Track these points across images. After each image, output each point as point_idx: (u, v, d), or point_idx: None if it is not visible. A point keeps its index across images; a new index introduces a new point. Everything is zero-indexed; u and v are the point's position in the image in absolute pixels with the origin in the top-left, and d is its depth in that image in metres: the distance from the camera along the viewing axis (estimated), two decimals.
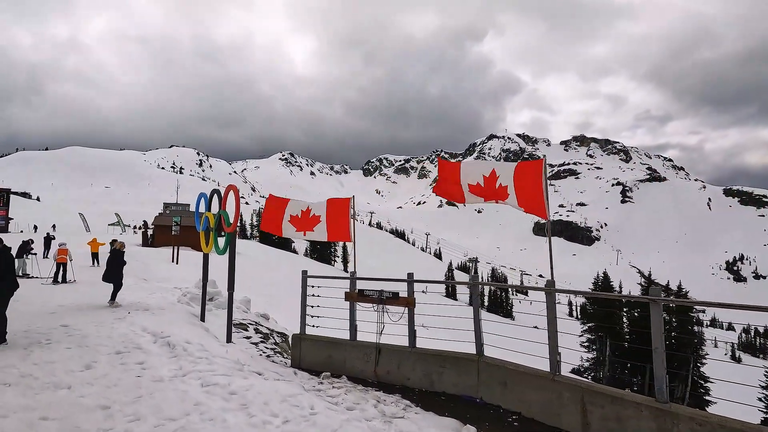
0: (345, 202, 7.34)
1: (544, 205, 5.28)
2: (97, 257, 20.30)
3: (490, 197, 5.63)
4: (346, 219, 7.25)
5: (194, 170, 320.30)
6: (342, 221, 7.22)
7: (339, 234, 7.26)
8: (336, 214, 7.23)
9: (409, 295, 6.66)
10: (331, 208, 7.26)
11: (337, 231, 7.24)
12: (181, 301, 11.73)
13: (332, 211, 7.25)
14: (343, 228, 7.22)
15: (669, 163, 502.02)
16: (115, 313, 8.30)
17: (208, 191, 10.83)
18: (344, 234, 7.25)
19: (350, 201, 7.35)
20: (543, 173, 5.28)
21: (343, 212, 7.25)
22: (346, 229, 7.23)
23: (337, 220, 7.22)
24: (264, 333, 11.48)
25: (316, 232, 7.33)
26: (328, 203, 7.39)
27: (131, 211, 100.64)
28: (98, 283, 14.91)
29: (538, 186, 5.21)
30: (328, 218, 7.24)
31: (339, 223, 7.21)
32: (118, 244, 10.51)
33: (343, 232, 7.23)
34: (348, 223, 7.25)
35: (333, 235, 7.27)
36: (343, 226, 7.22)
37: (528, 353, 5.95)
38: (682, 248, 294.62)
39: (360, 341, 7.09)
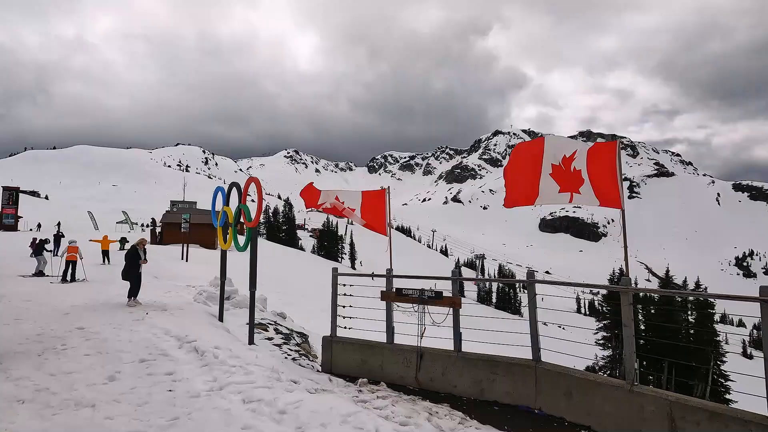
0: (380, 195, 6.78)
1: (618, 195, 4.69)
2: (107, 255, 19.90)
3: (566, 187, 4.97)
4: (382, 212, 6.69)
5: (200, 168, 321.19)
6: (378, 214, 6.67)
7: (375, 226, 6.71)
8: (371, 207, 6.68)
9: (454, 295, 6.09)
10: (366, 201, 6.72)
11: (373, 223, 6.70)
12: (198, 300, 11.24)
13: (367, 203, 6.71)
14: (379, 221, 6.67)
15: (677, 158, 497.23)
16: (132, 313, 7.80)
17: (213, 189, 10.36)
18: (380, 227, 6.69)
19: (386, 194, 6.78)
20: (617, 158, 4.69)
21: (378, 205, 6.69)
22: (382, 223, 6.67)
23: (372, 212, 6.67)
24: (284, 333, 10.97)
25: (352, 217, 6.81)
26: (363, 196, 6.84)
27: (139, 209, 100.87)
28: (110, 281, 14.51)
29: (612, 173, 4.61)
30: (363, 210, 6.70)
31: (375, 216, 6.66)
32: (140, 242, 10.01)
33: (379, 224, 6.68)
34: (384, 217, 6.69)
35: (369, 224, 6.73)
36: (380, 219, 6.67)
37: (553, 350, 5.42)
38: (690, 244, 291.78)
39: (398, 344, 6.54)
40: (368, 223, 6.67)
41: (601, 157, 4.73)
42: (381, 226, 6.66)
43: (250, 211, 8.96)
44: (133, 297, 9.34)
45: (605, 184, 4.71)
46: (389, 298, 6.56)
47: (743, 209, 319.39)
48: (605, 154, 4.72)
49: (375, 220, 6.63)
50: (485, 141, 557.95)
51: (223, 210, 9.90)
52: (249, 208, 8.98)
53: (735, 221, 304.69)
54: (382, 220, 6.65)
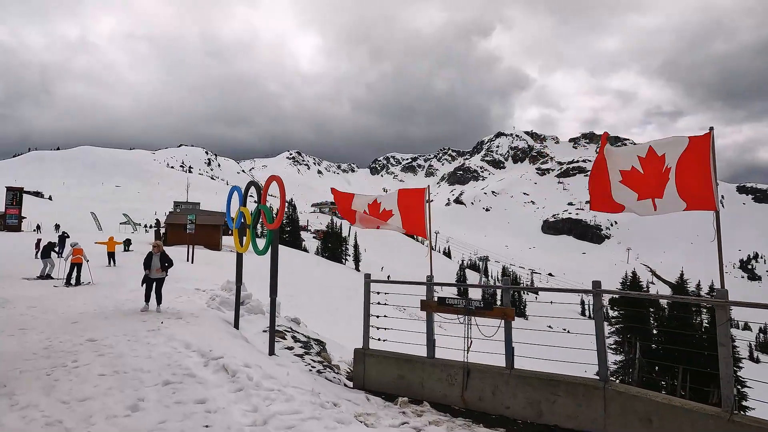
0: (419, 194, 6.18)
1: (712, 195, 4.09)
2: (113, 257, 19.36)
3: (645, 193, 4.36)
4: (421, 212, 6.10)
5: (203, 169, 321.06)
6: (416, 215, 6.08)
7: (415, 227, 6.12)
8: (409, 207, 6.09)
9: (505, 306, 5.50)
10: (403, 200, 6.13)
11: (412, 224, 6.11)
12: (211, 305, 10.67)
13: (404, 202, 6.12)
14: (418, 222, 6.07)
15: None
16: (145, 322, 7.23)
17: (216, 190, 9.97)
18: (420, 228, 6.10)
19: (425, 192, 6.19)
20: (711, 151, 4.08)
21: (417, 204, 6.10)
22: (421, 224, 6.08)
23: (410, 213, 6.08)
24: (302, 341, 10.39)
25: (390, 223, 6.21)
26: (399, 194, 6.25)
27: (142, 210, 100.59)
28: (117, 284, 13.97)
29: (704, 169, 4.00)
30: (401, 211, 6.11)
31: (413, 217, 6.08)
32: (155, 246, 9.43)
33: (419, 226, 6.09)
34: (423, 217, 6.10)
35: (409, 227, 6.14)
36: (418, 219, 6.08)
37: None
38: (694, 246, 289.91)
39: (441, 359, 5.94)
40: (406, 224, 6.09)
41: (691, 153, 4.11)
42: (421, 227, 6.07)
43: (271, 212, 8.40)
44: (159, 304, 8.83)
45: (695, 184, 4.10)
46: (430, 307, 5.96)
47: (747, 212, 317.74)
48: (696, 148, 4.10)
49: (414, 222, 6.05)
50: (487, 142, 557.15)
51: (240, 211, 9.35)
52: (269, 209, 8.42)
53: (739, 224, 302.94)
54: (422, 221, 6.06)
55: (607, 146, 4.90)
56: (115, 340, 5.76)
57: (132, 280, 15.24)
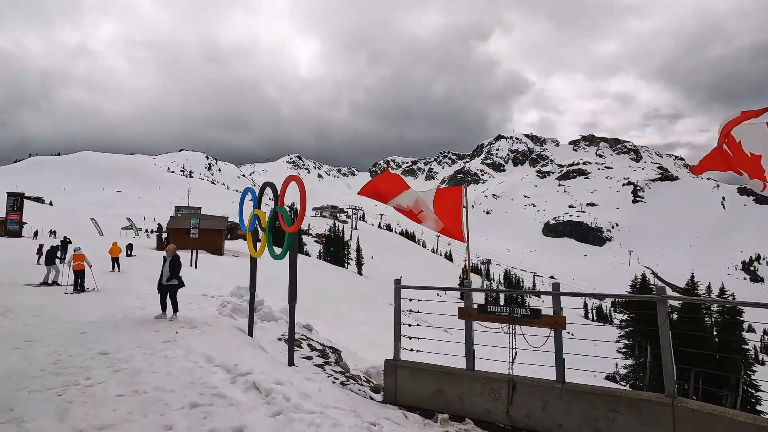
0: (456, 193, 5.73)
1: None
2: (117, 262, 18.91)
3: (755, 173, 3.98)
4: (458, 214, 5.66)
5: (203, 174, 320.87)
6: (454, 217, 5.63)
7: (451, 230, 5.67)
8: (446, 208, 5.64)
9: (556, 313, 5.05)
10: (440, 201, 5.68)
11: (449, 226, 5.66)
12: (223, 313, 10.22)
13: (441, 204, 5.67)
14: (455, 224, 5.62)
15: (680, 162, 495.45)
16: (159, 332, 6.78)
17: (217, 195, 9.51)
18: (457, 231, 5.65)
19: (462, 190, 5.74)
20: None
21: (454, 206, 5.65)
22: (458, 227, 5.63)
23: (448, 215, 5.63)
24: (318, 350, 9.93)
25: (425, 222, 5.77)
26: (436, 195, 5.80)
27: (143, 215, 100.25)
28: (122, 290, 13.50)
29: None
30: (438, 212, 5.66)
31: (451, 219, 5.63)
32: (171, 249, 8.91)
33: (456, 229, 5.63)
34: (461, 220, 5.64)
35: (446, 229, 5.69)
36: (455, 222, 5.63)
37: None
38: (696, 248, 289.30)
39: (483, 372, 5.48)
40: (444, 227, 5.64)
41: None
42: (458, 230, 5.62)
43: (288, 214, 7.96)
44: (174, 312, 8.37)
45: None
46: (469, 315, 5.51)
47: (749, 213, 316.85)
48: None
49: (450, 223, 5.60)
50: (487, 146, 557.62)
51: (254, 213, 8.92)
52: (287, 211, 7.99)
53: (741, 225, 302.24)
54: (459, 223, 5.61)
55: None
56: (129, 353, 5.30)
57: (137, 286, 14.80)
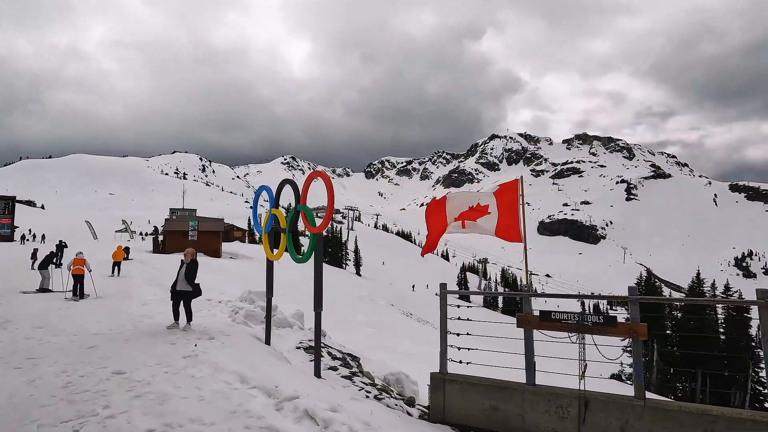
0: (513, 188, 5.14)
1: None
2: (119, 266, 18.16)
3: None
4: (515, 211, 5.08)
5: (197, 176, 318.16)
6: (512, 214, 5.05)
7: (508, 231, 5.09)
8: (507, 205, 5.07)
9: (633, 321, 4.48)
10: (502, 198, 5.10)
11: (506, 227, 5.08)
12: (236, 320, 9.58)
13: (503, 201, 5.09)
14: (513, 223, 5.05)
15: (672, 160, 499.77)
16: (175, 344, 6.14)
17: (212, 197, 8.93)
18: (514, 231, 5.07)
19: (518, 184, 5.15)
20: None
21: (512, 202, 5.08)
22: (515, 225, 5.05)
23: (507, 212, 5.06)
24: (339, 358, 9.32)
25: (480, 223, 5.18)
26: (498, 191, 5.20)
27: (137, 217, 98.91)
28: (124, 296, 12.79)
29: None
30: (500, 209, 5.08)
31: (509, 217, 5.05)
32: (189, 253, 8.21)
33: (513, 228, 5.06)
34: (518, 218, 5.07)
35: (502, 230, 5.11)
36: (513, 220, 5.05)
37: None
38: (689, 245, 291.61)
39: (547, 387, 4.90)
40: (500, 227, 5.06)
41: None
42: (515, 229, 5.04)
43: (312, 213, 7.35)
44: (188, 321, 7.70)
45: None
46: (530, 324, 4.94)
47: (741, 210, 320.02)
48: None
49: (510, 221, 5.02)
50: (482, 145, 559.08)
51: (271, 213, 8.29)
52: (310, 210, 7.37)
53: (733, 222, 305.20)
54: (516, 221, 5.03)
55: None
56: (148, 372, 4.67)
57: (139, 291, 14.10)
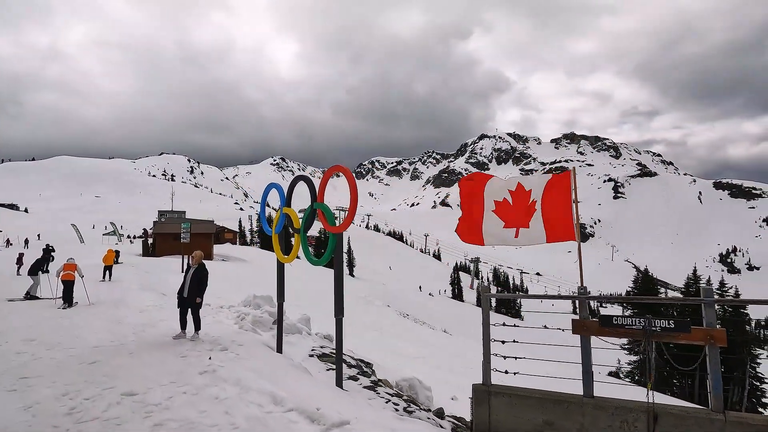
0: (566, 181, 4.65)
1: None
2: (110, 270, 17.36)
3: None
4: (568, 207, 4.59)
5: (186, 177, 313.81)
6: (564, 211, 4.56)
7: (560, 230, 4.59)
8: (556, 200, 4.57)
9: (710, 325, 4.04)
10: (551, 192, 4.59)
11: (557, 227, 4.58)
12: (243, 326, 8.99)
13: (552, 195, 4.58)
14: (565, 221, 4.55)
15: (658, 158, 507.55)
16: (187, 357, 5.56)
17: (201, 198, 8.33)
18: (567, 230, 4.58)
19: (571, 176, 4.67)
20: None
21: (564, 197, 4.58)
22: (569, 223, 4.56)
23: (557, 209, 4.56)
24: (354, 365, 8.80)
25: (531, 230, 4.66)
26: (548, 184, 4.68)
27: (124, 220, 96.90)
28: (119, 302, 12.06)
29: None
30: (545, 206, 4.58)
31: (560, 214, 4.56)
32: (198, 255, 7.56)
33: (566, 227, 4.56)
34: (571, 214, 4.58)
35: (553, 233, 4.60)
36: (566, 218, 4.55)
37: None
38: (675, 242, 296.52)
39: (609, 399, 4.44)
40: (550, 230, 4.55)
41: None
42: (568, 228, 4.54)
43: (331, 212, 6.82)
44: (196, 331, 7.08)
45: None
46: (588, 330, 4.47)
47: (724, 207, 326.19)
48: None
49: (560, 219, 4.52)
50: (471, 144, 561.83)
51: (283, 212, 7.72)
52: (330, 209, 6.84)
53: (717, 219, 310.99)
54: (570, 219, 4.54)
55: None
56: (164, 393, 4.09)
57: (134, 297, 13.38)
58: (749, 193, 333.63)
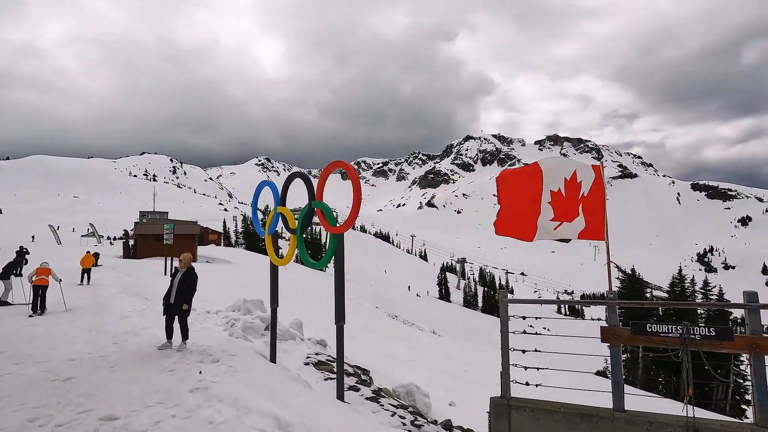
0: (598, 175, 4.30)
1: None
2: (88, 274, 16.52)
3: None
4: (602, 204, 4.26)
5: (168, 177, 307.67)
6: (599, 207, 4.24)
7: (592, 228, 4.27)
8: (596, 196, 4.25)
9: (754, 333, 3.73)
10: (595, 187, 4.26)
11: (591, 224, 4.25)
12: (234, 333, 8.45)
13: (593, 189, 4.26)
14: (599, 219, 4.23)
15: (638, 160, 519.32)
16: (175, 371, 5.04)
17: (183, 199, 7.87)
18: (598, 229, 4.25)
19: (600, 169, 4.32)
20: None
21: (599, 192, 4.26)
22: (601, 222, 4.24)
23: (594, 204, 4.24)
24: (351, 373, 8.36)
25: (572, 224, 4.33)
26: (596, 179, 4.33)
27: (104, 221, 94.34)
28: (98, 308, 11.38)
29: None
30: (586, 202, 4.25)
31: (596, 211, 4.23)
32: (186, 257, 6.92)
33: (598, 226, 4.24)
34: (604, 211, 4.26)
35: (586, 229, 4.27)
36: (599, 215, 4.23)
37: None
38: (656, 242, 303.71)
39: (643, 413, 4.10)
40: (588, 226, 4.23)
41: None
42: (599, 225, 4.22)
43: (331, 211, 6.36)
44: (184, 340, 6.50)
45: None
46: (619, 338, 4.12)
47: (701, 207, 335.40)
48: None
49: (595, 215, 4.20)
50: (457, 146, 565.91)
51: (277, 212, 7.23)
52: (329, 208, 6.38)
53: (695, 219, 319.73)
54: (602, 215, 4.21)
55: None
56: (150, 416, 3.60)
57: (115, 302, 12.66)
58: (725, 195, 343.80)
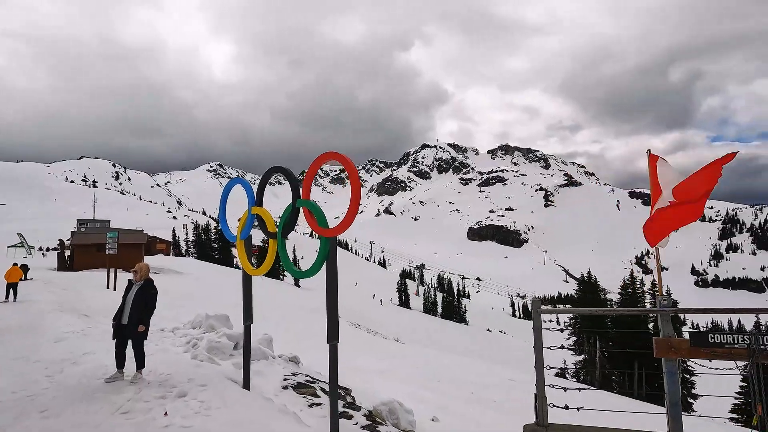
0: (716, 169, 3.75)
1: None
2: (15, 289, 14.36)
3: None
4: None
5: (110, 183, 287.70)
6: None
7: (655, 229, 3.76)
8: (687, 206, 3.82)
9: None
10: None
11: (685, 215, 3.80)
12: (198, 356, 7.25)
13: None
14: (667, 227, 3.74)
15: (582, 170, 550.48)
16: (130, 413, 3.93)
17: (128, 206, 7.19)
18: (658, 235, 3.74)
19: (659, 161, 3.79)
20: None
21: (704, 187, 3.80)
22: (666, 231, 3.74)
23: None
24: None
25: None
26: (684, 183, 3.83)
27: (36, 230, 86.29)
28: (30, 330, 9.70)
29: None
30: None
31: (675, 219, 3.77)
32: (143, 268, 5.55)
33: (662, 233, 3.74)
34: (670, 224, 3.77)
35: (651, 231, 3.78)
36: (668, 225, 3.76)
37: None
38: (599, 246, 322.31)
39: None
40: None
41: None
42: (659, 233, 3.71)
43: (321, 211, 5.49)
44: (139, 369, 5.25)
45: None
46: (677, 351, 3.59)
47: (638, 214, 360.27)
48: None
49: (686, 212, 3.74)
50: (413, 154, 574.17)
51: (251, 213, 6.22)
52: (319, 208, 5.50)
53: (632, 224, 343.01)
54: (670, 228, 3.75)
55: None
56: None
57: (48, 321, 10.92)
58: None
